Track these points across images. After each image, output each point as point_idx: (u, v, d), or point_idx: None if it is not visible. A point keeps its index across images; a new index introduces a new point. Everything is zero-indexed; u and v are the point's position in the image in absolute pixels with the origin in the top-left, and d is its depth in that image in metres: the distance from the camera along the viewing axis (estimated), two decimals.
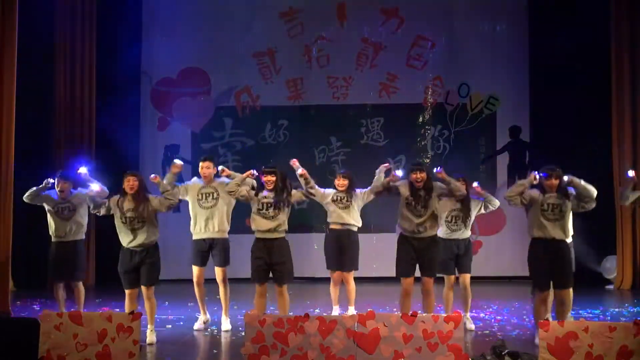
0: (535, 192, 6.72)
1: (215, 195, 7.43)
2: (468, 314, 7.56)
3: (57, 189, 7.49)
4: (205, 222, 7.44)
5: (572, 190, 6.85)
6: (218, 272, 7.53)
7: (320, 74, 11.73)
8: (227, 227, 7.54)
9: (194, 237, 7.55)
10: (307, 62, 11.75)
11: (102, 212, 7.02)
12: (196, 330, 7.48)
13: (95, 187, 7.21)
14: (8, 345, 5.57)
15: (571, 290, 6.79)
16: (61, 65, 10.96)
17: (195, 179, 7.67)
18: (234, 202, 7.45)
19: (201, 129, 11.81)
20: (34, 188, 7.36)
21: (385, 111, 11.72)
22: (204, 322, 7.63)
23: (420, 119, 11.69)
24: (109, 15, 11.08)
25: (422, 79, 11.68)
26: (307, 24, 11.70)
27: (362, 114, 11.75)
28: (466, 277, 7.53)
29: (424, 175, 6.98)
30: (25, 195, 7.41)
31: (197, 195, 7.46)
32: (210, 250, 7.51)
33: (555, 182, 6.67)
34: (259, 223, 6.91)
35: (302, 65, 11.75)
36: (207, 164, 7.48)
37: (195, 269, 7.54)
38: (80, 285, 7.71)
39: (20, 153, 8.56)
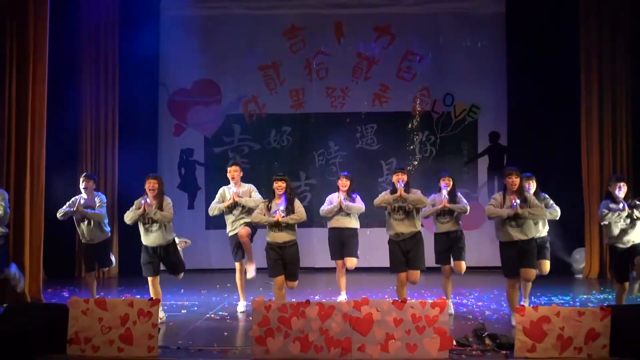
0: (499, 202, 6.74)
1: (240, 206, 7.51)
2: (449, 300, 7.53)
3: (81, 187, 7.55)
4: (235, 225, 7.55)
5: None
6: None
7: (319, 85, 11.73)
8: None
9: (231, 234, 7.62)
10: (307, 75, 11.76)
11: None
12: (240, 312, 7.49)
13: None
14: (41, 329, 5.58)
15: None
16: (87, 76, 10.99)
17: (225, 190, 7.65)
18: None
19: (213, 135, 11.82)
20: (66, 210, 7.44)
21: (378, 118, 11.73)
22: (245, 307, 7.58)
23: (410, 126, 11.70)
24: (131, 33, 11.06)
25: (411, 90, 11.68)
26: (308, 40, 11.72)
27: (357, 121, 11.75)
28: (460, 264, 7.54)
29: (404, 177, 7.03)
30: (59, 215, 7.46)
31: (229, 206, 7.54)
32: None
33: (516, 179, 6.66)
34: (273, 236, 6.94)
35: (303, 77, 11.75)
36: (234, 168, 7.58)
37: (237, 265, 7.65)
38: (107, 271, 7.87)
39: (51, 157, 8.58)
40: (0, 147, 8.00)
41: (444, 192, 7.43)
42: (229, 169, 7.59)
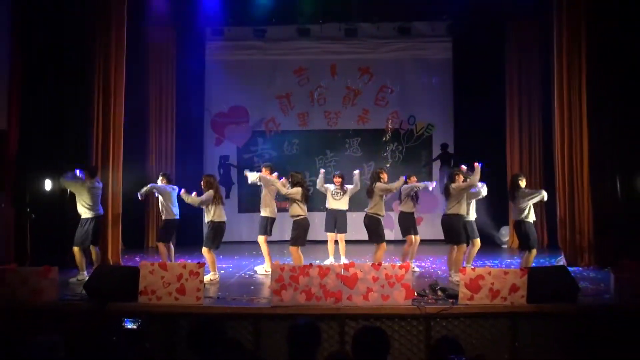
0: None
1: (262, 188, 7.54)
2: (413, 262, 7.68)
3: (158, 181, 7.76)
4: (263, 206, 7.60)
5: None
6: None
7: (319, 109, 11.69)
8: (274, 209, 7.62)
9: (262, 214, 7.62)
10: (311, 102, 11.71)
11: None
12: (259, 274, 7.42)
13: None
14: (120, 284, 5.61)
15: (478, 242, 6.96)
16: (153, 104, 10.92)
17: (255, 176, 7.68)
18: (275, 190, 7.46)
19: (243, 145, 11.77)
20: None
21: (361, 134, 11.67)
22: (266, 270, 7.43)
23: (384, 139, 11.66)
24: (183, 72, 11.05)
25: (385, 113, 11.63)
26: (311, 77, 11.67)
27: (346, 135, 11.70)
28: (417, 238, 7.72)
29: (385, 176, 7.15)
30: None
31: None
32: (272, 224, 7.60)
33: (460, 178, 6.83)
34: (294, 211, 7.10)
35: (307, 104, 11.70)
36: (264, 169, 7.66)
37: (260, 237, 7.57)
38: (171, 245, 7.76)
39: (126, 158, 8.50)
40: (90, 142, 7.89)
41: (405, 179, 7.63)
42: (262, 167, 7.78)
